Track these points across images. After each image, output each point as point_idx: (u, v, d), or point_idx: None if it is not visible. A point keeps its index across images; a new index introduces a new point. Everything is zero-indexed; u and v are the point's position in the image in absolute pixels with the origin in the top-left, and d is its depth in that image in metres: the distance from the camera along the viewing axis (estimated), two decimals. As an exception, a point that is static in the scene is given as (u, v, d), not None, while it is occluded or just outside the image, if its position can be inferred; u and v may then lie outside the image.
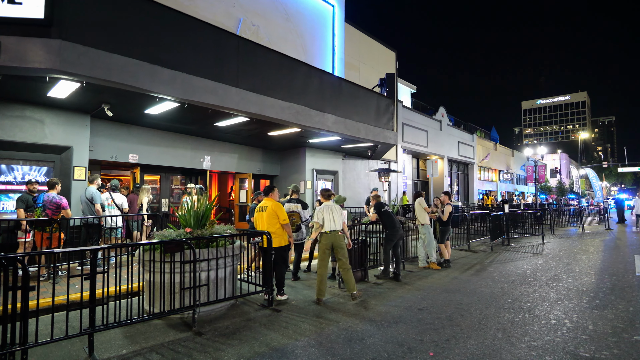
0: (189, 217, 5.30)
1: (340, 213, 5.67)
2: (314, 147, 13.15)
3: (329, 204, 5.70)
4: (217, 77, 7.04)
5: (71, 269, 6.75)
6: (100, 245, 3.76)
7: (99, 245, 3.97)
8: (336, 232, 5.56)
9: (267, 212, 5.45)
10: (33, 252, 3.24)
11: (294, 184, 7.74)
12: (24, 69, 5.15)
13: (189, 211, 5.32)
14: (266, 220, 5.43)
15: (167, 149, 10.17)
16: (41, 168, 7.42)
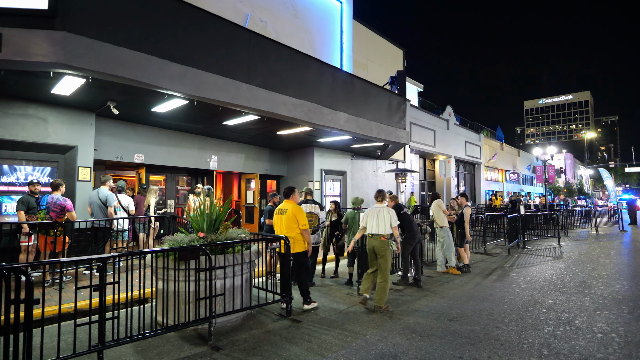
0: (202, 221, 4.98)
1: (389, 216, 5.26)
2: (322, 147, 12.82)
3: (378, 207, 5.41)
4: (227, 72, 6.71)
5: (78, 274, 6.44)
6: (110, 254, 3.44)
7: (108, 254, 3.63)
8: (378, 236, 5.21)
9: (287, 215, 5.12)
10: (37, 262, 2.92)
11: (307, 186, 7.40)
12: (27, 63, 4.84)
13: (202, 214, 5.00)
14: (285, 224, 5.10)
15: (173, 148, 9.85)
16: (45, 168, 7.11)
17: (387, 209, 5.36)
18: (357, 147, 12.77)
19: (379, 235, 5.21)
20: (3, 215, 6.61)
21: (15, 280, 3.03)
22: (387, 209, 5.35)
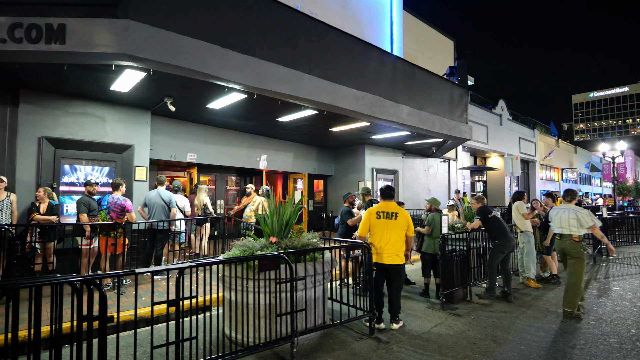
0: (272, 224, 4.47)
1: (582, 216, 4.88)
2: (374, 145, 12.13)
3: (567, 207, 5.04)
4: (288, 62, 6.21)
5: (146, 278, 6.20)
6: (187, 263, 2.96)
7: (184, 262, 3.15)
8: (569, 237, 4.92)
9: (399, 221, 4.44)
10: (112, 273, 2.45)
11: (364, 186, 6.70)
12: (90, 55, 4.55)
13: (271, 216, 4.49)
14: (395, 232, 4.41)
15: (224, 147, 9.55)
16: (103, 168, 6.95)
17: (577, 209, 4.96)
18: (411, 144, 11.95)
19: (570, 236, 4.90)
20: (64, 216, 6.48)
21: (88, 293, 2.62)
22: (576, 209, 4.96)
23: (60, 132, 6.46)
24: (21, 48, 4.44)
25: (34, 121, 6.25)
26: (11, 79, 5.87)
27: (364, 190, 6.21)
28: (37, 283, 2.38)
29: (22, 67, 4.95)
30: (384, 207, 4.58)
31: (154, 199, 6.38)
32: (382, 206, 4.60)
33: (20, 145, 6.13)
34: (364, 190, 6.22)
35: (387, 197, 4.69)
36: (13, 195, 5.88)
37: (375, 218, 4.52)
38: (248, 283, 3.77)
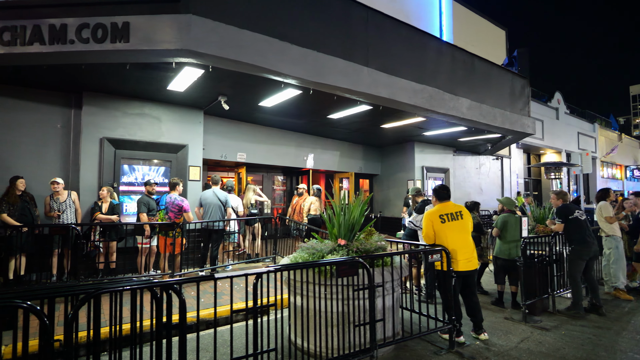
0: (339, 225, 4.18)
1: None
2: (424, 142, 11.56)
3: None
4: (346, 55, 5.90)
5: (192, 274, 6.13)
6: (265, 268, 2.72)
7: (262, 268, 2.91)
8: None
9: (465, 220, 4.06)
10: (191, 279, 2.22)
11: (414, 187, 6.23)
12: (153, 52, 4.49)
13: (337, 217, 4.19)
14: (466, 232, 4.03)
15: (272, 146, 9.42)
16: (159, 168, 7.00)
17: None
18: (464, 141, 11.26)
19: None
20: (124, 215, 6.58)
21: (167, 299, 2.44)
22: None
23: (120, 133, 6.56)
24: (88, 48, 4.46)
25: (95, 122, 6.39)
26: (76, 82, 6.02)
27: (415, 192, 5.76)
28: (118, 288, 2.22)
29: (87, 68, 4.99)
30: (444, 209, 4.14)
31: (209, 198, 6.31)
32: (441, 208, 4.16)
33: (83, 146, 6.27)
34: (415, 191, 5.77)
35: (443, 198, 4.24)
36: (74, 193, 6.02)
37: (439, 222, 4.07)
38: (319, 289, 3.49)
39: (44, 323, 1.99)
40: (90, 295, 2.11)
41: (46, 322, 1.99)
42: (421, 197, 5.70)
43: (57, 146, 6.33)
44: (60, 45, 4.47)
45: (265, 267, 2.92)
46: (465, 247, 3.94)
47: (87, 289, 2.20)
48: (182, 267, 5.94)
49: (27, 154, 6.08)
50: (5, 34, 4.51)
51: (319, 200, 7.92)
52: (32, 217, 5.56)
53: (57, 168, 6.28)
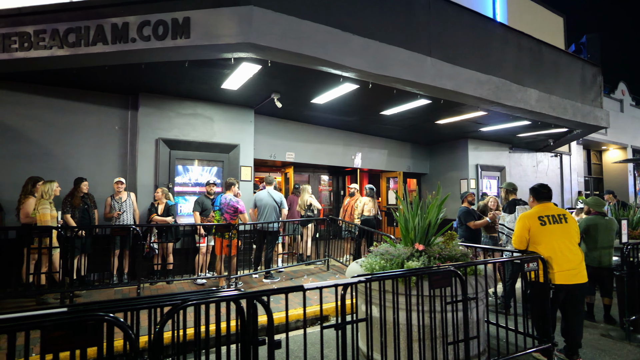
0: (413, 228, 3.80)
1: None
2: (478, 138, 10.84)
3: None
4: (408, 44, 5.50)
5: (256, 281, 6.04)
6: (355, 277, 2.39)
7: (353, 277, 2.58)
8: None
9: (570, 224, 3.55)
10: (281, 288, 1.89)
11: (508, 182, 5.70)
12: (213, 47, 4.33)
13: (412, 218, 3.81)
14: (572, 239, 3.52)
15: (320, 145, 9.15)
16: (212, 168, 6.93)
17: None
18: (524, 136, 10.42)
19: None
20: (179, 216, 6.55)
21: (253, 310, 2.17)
22: None
23: (174, 134, 6.54)
24: (149, 46, 4.37)
25: (151, 123, 6.40)
26: (132, 83, 6.05)
27: (510, 186, 5.22)
28: (205, 300, 1.98)
29: (146, 67, 4.94)
30: (545, 210, 3.61)
31: (265, 199, 6.12)
32: (541, 209, 3.64)
33: (140, 147, 6.30)
34: (509, 185, 5.24)
35: (543, 198, 3.71)
36: (133, 194, 6.05)
37: (538, 224, 3.56)
38: (397, 298, 3.12)
39: (129, 336, 1.78)
40: (177, 308, 1.88)
41: (132, 336, 1.78)
42: (513, 195, 5.18)
43: (114, 148, 6.40)
44: (122, 44, 4.41)
45: (359, 278, 2.59)
46: (569, 256, 3.42)
47: (171, 300, 1.97)
48: (238, 270, 5.79)
49: (87, 155, 6.18)
50: (70, 35, 4.52)
51: (372, 201, 7.55)
52: (90, 218, 5.60)
53: (115, 169, 6.35)
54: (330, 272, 7.03)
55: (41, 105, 5.88)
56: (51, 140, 5.93)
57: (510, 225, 5.13)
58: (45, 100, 5.92)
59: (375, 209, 7.58)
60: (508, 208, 5.14)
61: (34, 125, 5.83)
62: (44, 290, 4.72)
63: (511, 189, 5.35)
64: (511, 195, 5.20)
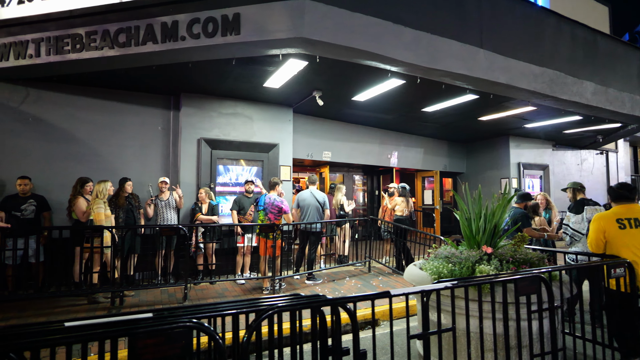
0: (478, 230, 3.55)
1: None
2: (520, 135, 10.36)
3: None
4: (459, 36, 5.24)
5: (299, 282, 5.95)
6: (441, 283, 2.19)
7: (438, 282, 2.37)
8: None
9: None
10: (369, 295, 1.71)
11: (574, 181, 5.28)
12: (263, 43, 4.24)
13: (477, 219, 3.57)
14: None
15: (356, 144, 8.96)
16: (252, 168, 6.87)
17: None
18: (572, 133, 9.86)
19: None
20: (220, 216, 6.50)
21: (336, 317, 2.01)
22: None
23: (215, 133, 6.52)
24: (198, 44, 4.32)
25: (193, 123, 6.39)
26: (175, 84, 6.06)
27: (576, 185, 4.86)
28: (290, 305, 1.84)
29: (193, 66, 4.90)
30: (626, 212, 3.28)
31: (307, 199, 6.00)
32: (621, 211, 3.31)
33: (183, 147, 6.31)
34: (576, 184, 4.87)
35: (624, 199, 3.37)
36: (174, 192, 6.03)
37: (616, 228, 3.24)
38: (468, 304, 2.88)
39: (218, 345, 1.66)
40: (263, 315, 1.74)
41: (221, 344, 1.66)
42: (582, 194, 4.82)
43: (157, 148, 6.44)
44: (172, 42, 4.38)
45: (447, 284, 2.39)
46: None
47: (256, 306, 1.84)
48: (282, 271, 5.68)
49: (131, 156, 6.24)
50: (120, 35, 4.53)
51: (405, 201, 7.29)
52: (134, 219, 5.63)
53: (158, 169, 6.38)
54: (372, 274, 6.83)
55: (89, 106, 5.98)
56: (98, 140, 6.02)
57: (576, 226, 4.76)
58: (93, 102, 6.01)
59: (409, 208, 7.32)
60: (575, 208, 4.78)
61: (82, 126, 5.93)
62: (96, 289, 4.75)
63: (579, 188, 4.97)
64: (579, 195, 4.83)
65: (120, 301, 4.81)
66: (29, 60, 4.82)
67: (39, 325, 1.61)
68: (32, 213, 4.96)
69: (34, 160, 5.55)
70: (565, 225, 5.03)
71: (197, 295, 5.34)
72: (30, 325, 1.60)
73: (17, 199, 4.95)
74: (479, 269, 3.13)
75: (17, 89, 5.56)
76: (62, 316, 4.41)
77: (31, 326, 1.60)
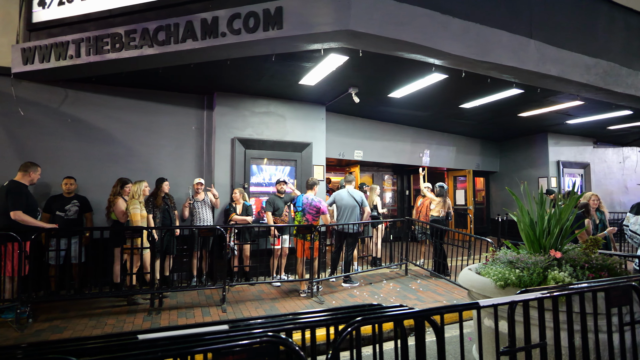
0: (542, 232, 3.28)
1: None
2: (559, 132, 9.87)
3: None
4: (508, 26, 4.94)
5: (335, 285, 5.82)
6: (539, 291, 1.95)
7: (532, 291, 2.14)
8: None
9: None
10: (459, 306, 1.46)
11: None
12: (307, 37, 4.08)
13: (541, 221, 3.30)
14: None
15: (388, 143, 8.72)
16: (285, 167, 6.74)
17: None
18: (616, 129, 9.31)
19: None
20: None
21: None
22: None
23: (249, 133, 6.42)
24: (239, 40, 4.20)
25: (226, 122, 6.31)
26: (209, 83, 5.98)
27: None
28: (387, 314, 1.65)
29: (231, 63, 4.78)
30: None
31: (345, 199, 5.82)
32: None
33: (217, 147, 6.23)
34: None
35: None
36: (209, 192, 5.97)
37: None
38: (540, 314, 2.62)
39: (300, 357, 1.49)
40: (353, 326, 1.56)
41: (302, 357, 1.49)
42: None
43: (192, 148, 6.39)
44: (212, 39, 4.27)
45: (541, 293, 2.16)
46: None
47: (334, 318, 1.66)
48: (320, 273, 5.52)
49: (167, 156, 6.20)
50: (160, 33, 4.46)
51: (442, 201, 7.00)
52: (170, 219, 5.59)
53: (193, 169, 6.33)
54: (409, 276, 6.58)
55: (124, 107, 5.98)
56: (134, 140, 6.01)
57: (634, 227, 4.42)
58: (128, 102, 6.01)
59: (446, 208, 7.03)
60: (636, 208, 4.43)
61: (118, 126, 5.93)
62: (135, 291, 4.71)
63: None
64: None
65: (159, 302, 4.75)
66: (70, 60, 4.82)
67: (108, 337, 1.48)
68: (75, 214, 4.97)
69: (73, 161, 5.57)
70: (625, 227, 4.68)
71: (234, 297, 5.24)
72: (98, 338, 1.47)
73: (61, 199, 4.97)
74: (552, 275, 2.86)
75: (57, 91, 5.60)
76: (104, 317, 4.38)
77: (99, 339, 1.47)
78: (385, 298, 5.35)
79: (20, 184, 4.38)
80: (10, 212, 4.16)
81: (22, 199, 4.24)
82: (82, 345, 1.42)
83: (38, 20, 5.14)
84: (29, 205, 4.36)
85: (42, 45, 4.94)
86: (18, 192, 4.28)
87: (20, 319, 4.04)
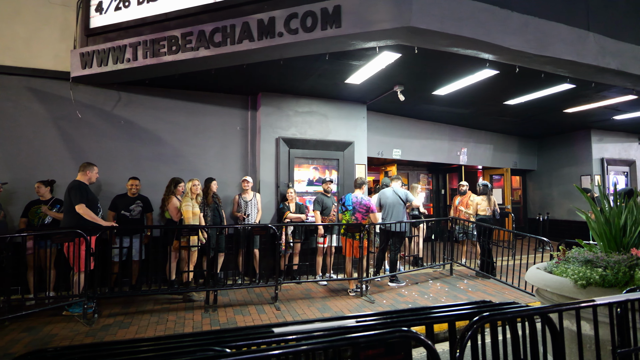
0: (620, 229, 3.17)
1: None
2: (602, 129, 9.53)
3: None
4: (566, 18, 4.80)
5: (381, 284, 5.79)
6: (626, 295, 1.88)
7: None
8: None
9: None
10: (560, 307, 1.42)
11: None
12: (366, 35, 4.07)
13: (618, 217, 3.18)
14: None
15: (426, 141, 8.62)
16: (327, 167, 6.75)
17: None
18: (666, 124, 8.92)
19: None
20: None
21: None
22: None
23: (292, 132, 6.47)
24: (297, 39, 4.23)
25: (271, 122, 6.37)
26: (254, 83, 6.05)
27: None
28: (511, 310, 1.62)
29: (284, 62, 4.81)
30: None
31: (390, 197, 5.78)
32: None
33: (262, 147, 6.30)
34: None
35: None
36: (258, 195, 6.05)
37: None
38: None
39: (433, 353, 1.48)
40: (483, 320, 1.54)
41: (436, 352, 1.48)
42: None
43: (237, 148, 6.48)
44: (269, 39, 4.32)
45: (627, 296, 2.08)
46: None
47: (456, 313, 1.64)
48: (369, 272, 5.50)
49: (213, 156, 6.31)
50: (216, 35, 4.54)
51: (487, 199, 6.85)
52: (220, 217, 5.68)
53: (238, 169, 6.43)
54: (455, 277, 6.48)
55: (172, 108, 6.12)
56: (181, 141, 6.14)
57: None
58: (176, 103, 6.15)
59: (492, 207, 6.87)
60: None
61: (167, 127, 6.07)
62: (191, 288, 4.81)
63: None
64: None
65: (214, 299, 4.83)
66: (127, 64, 4.97)
67: (247, 330, 1.51)
68: (138, 214, 5.13)
69: (125, 162, 5.75)
70: None
71: (284, 295, 5.28)
72: (239, 330, 1.50)
73: (126, 199, 5.15)
74: (639, 275, 2.75)
75: (111, 94, 5.79)
76: (164, 314, 4.49)
77: (241, 330, 1.50)
78: (436, 298, 5.28)
79: (80, 182, 4.54)
80: (75, 207, 4.32)
81: (83, 195, 4.41)
82: (221, 338, 1.45)
83: (95, 25, 5.31)
84: (89, 201, 4.51)
85: (100, 50, 5.11)
86: (78, 188, 4.45)
87: (87, 314, 4.19)
